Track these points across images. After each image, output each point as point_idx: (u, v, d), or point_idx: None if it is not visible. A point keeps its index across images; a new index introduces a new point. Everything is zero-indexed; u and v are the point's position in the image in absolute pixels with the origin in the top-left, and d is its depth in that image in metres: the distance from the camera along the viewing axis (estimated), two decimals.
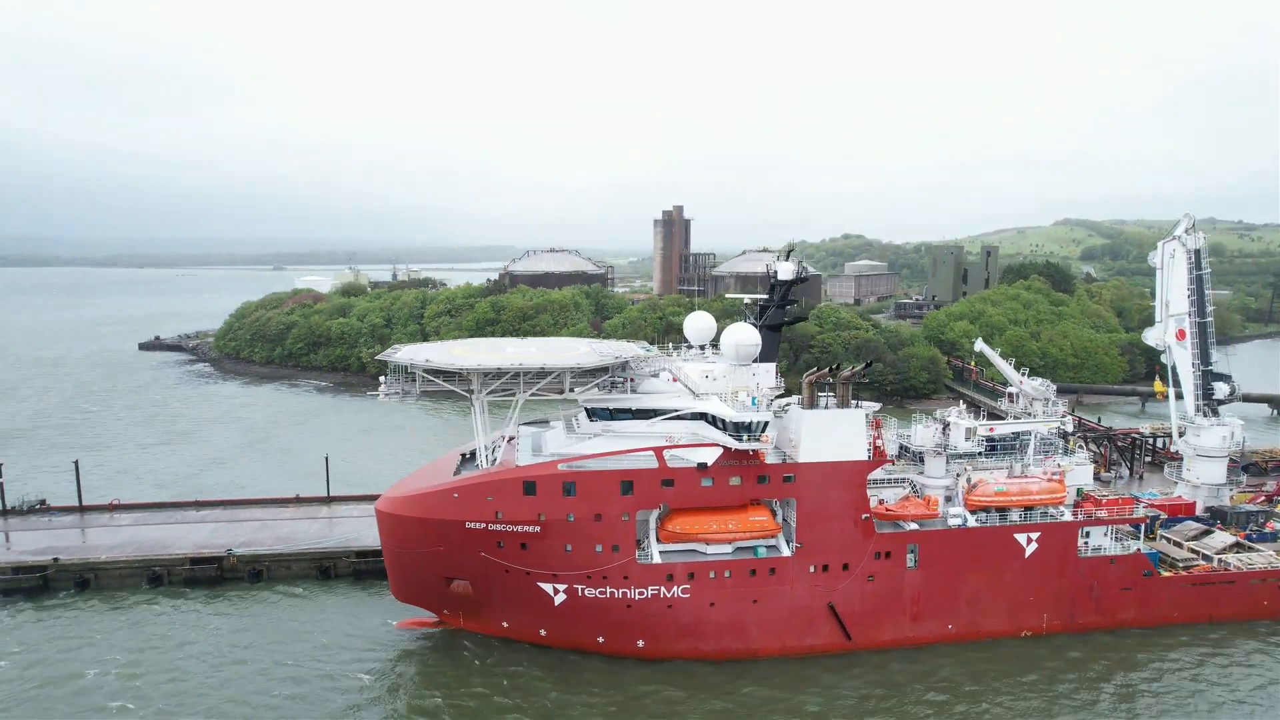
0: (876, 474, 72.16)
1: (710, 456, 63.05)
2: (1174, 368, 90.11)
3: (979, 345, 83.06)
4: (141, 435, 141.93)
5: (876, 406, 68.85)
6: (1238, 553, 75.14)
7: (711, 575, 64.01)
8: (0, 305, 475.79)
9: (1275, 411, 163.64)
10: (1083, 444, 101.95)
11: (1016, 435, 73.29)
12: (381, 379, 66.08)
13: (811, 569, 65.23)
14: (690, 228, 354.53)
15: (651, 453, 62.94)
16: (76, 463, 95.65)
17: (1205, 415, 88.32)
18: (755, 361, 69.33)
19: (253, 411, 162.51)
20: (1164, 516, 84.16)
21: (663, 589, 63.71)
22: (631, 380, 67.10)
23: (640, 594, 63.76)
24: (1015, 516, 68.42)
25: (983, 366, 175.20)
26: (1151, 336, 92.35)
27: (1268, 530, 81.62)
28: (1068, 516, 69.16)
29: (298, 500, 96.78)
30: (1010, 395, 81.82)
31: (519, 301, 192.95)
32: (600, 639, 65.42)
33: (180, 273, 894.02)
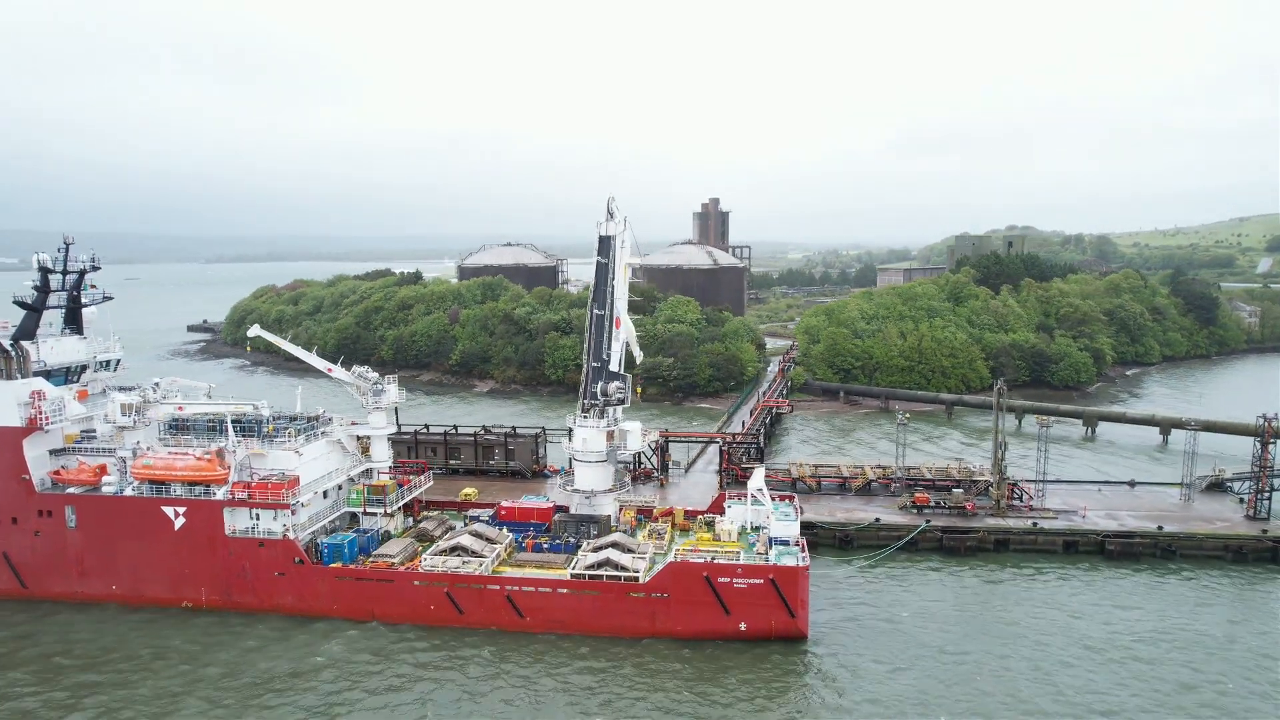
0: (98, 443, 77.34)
1: None
2: None
3: (254, 330, 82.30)
4: None
5: (31, 385, 73.81)
6: (447, 557, 70.62)
7: None
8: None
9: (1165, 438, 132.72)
10: None
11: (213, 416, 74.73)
12: None
13: None
14: (728, 220, 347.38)
15: None
16: None
17: (586, 415, 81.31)
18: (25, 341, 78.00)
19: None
20: (484, 517, 80.00)
21: None
22: None
23: None
24: (179, 491, 71.24)
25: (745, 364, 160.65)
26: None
27: (566, 542, 74.65)
28: (220, 496, 70.42)
29: None
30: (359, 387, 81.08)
31: (404, 292, 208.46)
32: None
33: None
